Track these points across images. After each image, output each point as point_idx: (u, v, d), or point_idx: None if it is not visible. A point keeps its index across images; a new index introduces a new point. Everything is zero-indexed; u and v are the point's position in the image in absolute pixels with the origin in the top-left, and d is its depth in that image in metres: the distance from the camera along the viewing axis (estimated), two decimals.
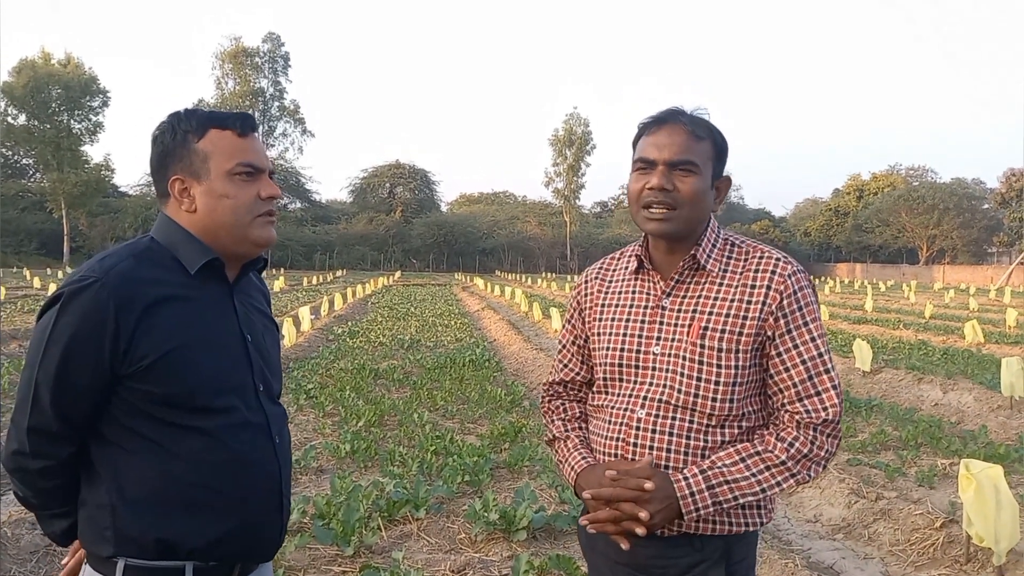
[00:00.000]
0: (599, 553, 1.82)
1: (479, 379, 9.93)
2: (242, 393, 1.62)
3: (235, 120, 1.63)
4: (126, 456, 1.53)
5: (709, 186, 1.72)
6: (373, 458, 6.03)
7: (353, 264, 67.38)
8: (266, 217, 1.64)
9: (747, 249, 1.76)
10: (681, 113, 1.73)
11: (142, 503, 1.52)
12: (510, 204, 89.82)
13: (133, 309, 1.49)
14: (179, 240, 1.61)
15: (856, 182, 79.25)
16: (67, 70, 55.91)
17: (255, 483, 1.61)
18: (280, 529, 1.69)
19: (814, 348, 1.67)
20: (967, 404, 8.57)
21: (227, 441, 1.57)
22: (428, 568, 3.98)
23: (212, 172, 1.59)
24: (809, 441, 1.65)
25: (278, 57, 69.33)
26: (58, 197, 54.56)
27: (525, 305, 22.13)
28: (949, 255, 67.29)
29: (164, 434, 1.53)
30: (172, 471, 1.53)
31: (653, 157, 1.69)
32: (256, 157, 1.62)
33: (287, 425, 1.78)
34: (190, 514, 1.54)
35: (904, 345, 13.95)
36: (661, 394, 1.70)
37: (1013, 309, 19.27)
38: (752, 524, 1.72)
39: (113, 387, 1.51)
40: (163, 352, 1.50)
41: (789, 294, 1.67)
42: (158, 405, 1.52)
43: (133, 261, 1.55)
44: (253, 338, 1.68)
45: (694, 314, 1.70)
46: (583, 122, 74.43)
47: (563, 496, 4.92)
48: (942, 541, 4.38)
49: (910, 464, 6.21)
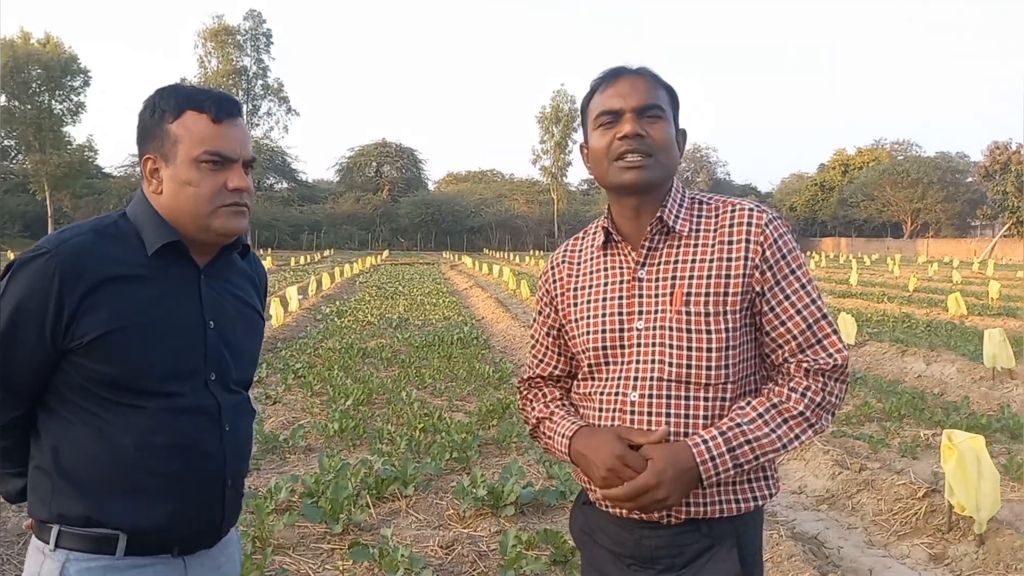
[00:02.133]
0: (600, 547, 1.72)
1: (467, 357, 9.94)
2: (189, 379, 1.56)
3: (213, 103, 1.54)
4: (67, 427, 1.52)
5: (675, 136, 1.65)
6: (361, 436, 6.05)
7: (340, 244, 67.04)
8: (232, 208, 1.56)
9: (716, 205, 1.66)
10: (630, 67, 1.66)
11: (76, 476, 1.51)
12: (497, 182, 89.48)
13: (78, 284, 1.46)
14: (146, 219, 1.56)
15: (841, 157, 79.42)
16: (47, 50, 55.05)
17: (195, 469, 1.56)
18: (221, 519, 1.64)
19: (806, 296, 1.59)
20: (950, 375, 8.66)
21: (169, 424, 1.53)
22: (417, 544, 4.00)
23: (179, 157, 1.53)
24: (821, 388, 1.58)
25: (260, 35, 68.36)
26: (41, 179, 53.87)
27: (513, 283, 22.12)
28: (933, 228, 67.70)
29: (105, 411, 1.51)
30: (109, 449, 1.50)
31: (619, 107, 1.60)
32: (227, 145, 1.54)
33: (249, 414, 1.72)
34: (123, 494, 1.51)
35: (888, 318, 14.06)
36: (652, 371, 1.59)
37: (996, 281, 19.42)
38: (760, 498, 1.64)
39: (58, 359, 1.50)
40: (105, 331, 1.47)
41: (770, 243, 1.59)
42: (100, 383, 1.50)
43: (92, 236, 1.52)
44: (217, 324, 1.61)
45: (674, 281, 1.60)
46: (570, 99, 73.95)
47: (551, 471, 4.95)
48: (924, 510, 4.44)
49: (893, 435, 6.28)
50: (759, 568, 1.69)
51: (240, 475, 1.68)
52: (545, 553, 3.82)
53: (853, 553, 4.15)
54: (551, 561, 3.75)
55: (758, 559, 1.68)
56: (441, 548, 3.99)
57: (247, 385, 1.74)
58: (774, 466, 1.69)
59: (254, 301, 1.76)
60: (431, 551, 3.95)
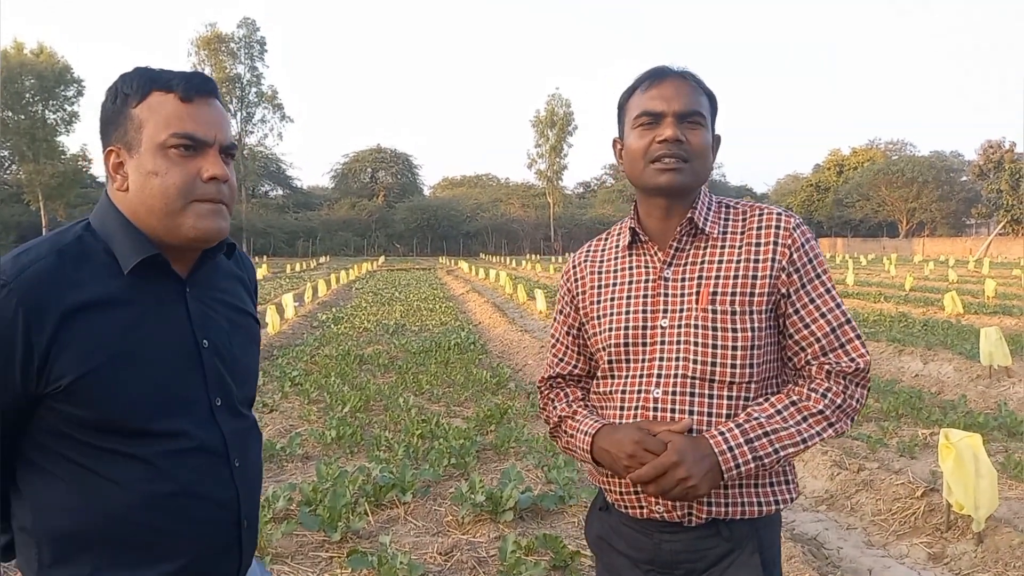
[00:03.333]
0: (618, 553, 1.70)
1: (464, 362, 9.93)
2: (190, 411, 1.36)
3: (181, 81, 1.33)
4: (50, 483, 1.30)
5: (711, 143, 1.65)
6: (359, 444, 6.03)
7: (336, 250, 67.04)
8: (208, 204, 1.33)
9: (743, 209, 1.69)
10: (675, 69, 1.65)
11: (64, 540, 1.30)
12: (493, 186, 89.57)
13: (47, 319, 1.23)
14: (115, 229, 1.34)
15: (836, 157, 79.69)
16: (40, 59, 55.04)
17: (205, 519, 1.37)
18: (239, 565, 1.45)
19: (831, 300, 1.62)
20: (947, 374, 8.67)
21: (170, 471, 1.32)
22: (416, 551, 3.99)
23: (144, 143, 1.31)
24: (842, 391, 1.60)
25: (254, 42, 68.42)
26: (35, 189, 53.74)
27: (509, 287, 22.13)
28: (928, 228, 67.88)
29: (92, 461, 1.29)
30: (105, 505, 1.29)
31: (661, 109, 1.59)
32: (198, 127, 1.32)
33: (257, 440, 1.53)
34: (120, 557, 1.31)
35: (885, 318, 14.07)
36: (676, 368, 1.59)
37: (991, 280, 19.45)
38: (781, 501, 1.64)
39: (33, 406, 1.28)
40: (85, 370, 1.25)
41: (798, 247, 1.61)
42: (86, 429, 1.28)
43: (54, 259, 1.29)
44: (212, 342, 1.41)
45: (700, 281, 1.61)
46: (565, 103, 74.17)
47: (549, 476, 4.94)
48: (923, 510, 4.44)
49: (891, 435, 6.29)
50: (780, 573, 1.68)
51: (254, 511, 1.49)
52: (544, 558, 3.81)
53: (852, 553, 4.15)
54: (550, 566, 3.74)
55: (778, 565, 1.67)
56: (440, 555, 3.98)
57: (251, 403, 1.56)
58: (793, 470, 1.69)
59: (246, 304, 1.56)
60: (430, 558, 3.94)
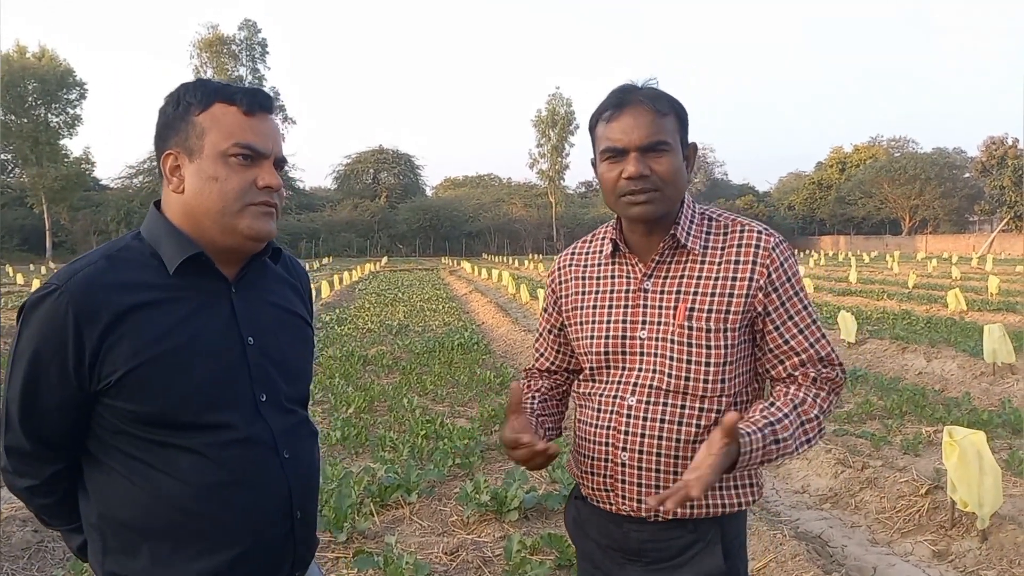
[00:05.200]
0: (590, 539, 1.80)
1: (468, 362, 9.95)
2: (236, 405, 1.43)
3: (244, 95, 1.43)
4: (112, 478, 1.40)
5: (682, 161, 1.66)
6: (364, 444, 6.06)
7: (339, 251, 67.03)
8: (262, 207, 1.44)
9: (726, 223, 1.71)
10: (637, 90, 1.64)
11: (126, 531, 1.40)
12: (495, 186, 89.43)
13: (98, 320, 1.33)
14: (162, 234, 1.43)
15: (838, 155, 79.46)
16: (42, 63, 55.21)
17: (256, 508, 1.44)
18: (294, 556, 1.51)
19: (808, 316, 1.68)
20: (950, 372, 8.67)
21: (221, 461, 1.40)
22: (421, 551, 4.01)
23: (205, 150, 1.40)
24: (826, 397, 1.68)
25: (255, 44, 68.48)
26: (38, 192, 53.96)
27: (512, 287, 22.14)
28: (931, 225, 67.71)
29: (149, 455, 1.38)
30: (159, 495, 1.38)
31: (624, 144, 1.60)
32: (259, 139, 1.43)
33: (310, 436, 1.58)
34: (180, 543, 1.40)
35: (888, 315, 14.07)
36: (651, 380, 1.66)
37: (995, 276, 19.43)
38: (744, 503, 1.70)
39: (90, 404, 1.38)
40: (133, 366, 1.34)
41: (776, 267, 1.65)
42: (138, 423, 1.37)
43: (104, 263, 1.38)
44: (258, 340, 1.48)
45: (678, 295, 1.66)
46: (566, 102, 74.05)
47: (553, 476, 4.95)
48: (927, 507, 4.45)
49: (895, 432, 6.29)
50: (743, 562, 1.76)
51: (310, 505, 1.56)
52: (550, 558, 3.83)
53: (857, 552, 4.16)
54: (556, 565, 3.76)
55: (742, 553, 1.76)
56: (446, 554, 3.99)
57: (304, 402, 1.61)
58: (759, 472, 1.75)
59: (297, 307, 1.62)
60: (436, 558, 3.96)
